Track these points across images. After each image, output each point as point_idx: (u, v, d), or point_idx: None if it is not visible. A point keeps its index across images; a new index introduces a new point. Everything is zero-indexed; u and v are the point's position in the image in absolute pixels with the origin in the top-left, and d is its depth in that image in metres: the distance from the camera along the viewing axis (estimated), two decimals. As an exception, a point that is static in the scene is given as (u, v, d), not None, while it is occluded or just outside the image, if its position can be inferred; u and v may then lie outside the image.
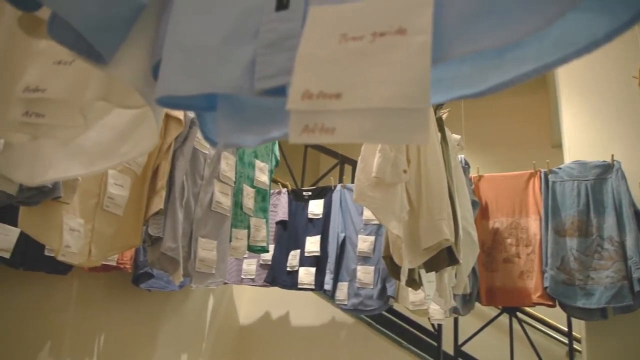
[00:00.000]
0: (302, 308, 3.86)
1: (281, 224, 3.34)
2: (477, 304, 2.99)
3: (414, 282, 1.97)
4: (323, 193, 3.35)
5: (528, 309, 3.76)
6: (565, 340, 3.76)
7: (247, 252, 2.44)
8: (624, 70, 2.97)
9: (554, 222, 2.81)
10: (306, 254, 3.17)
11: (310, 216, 3.29)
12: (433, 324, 3.55)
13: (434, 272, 1.99)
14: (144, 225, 1.87)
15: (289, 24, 0.52)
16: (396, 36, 0.47)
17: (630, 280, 2.54)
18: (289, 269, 3.20)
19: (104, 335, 2.88)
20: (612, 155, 2.81)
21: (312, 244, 3.18)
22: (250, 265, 3.35)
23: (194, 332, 3.63)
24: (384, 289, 2.94)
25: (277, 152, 2.70)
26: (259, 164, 2.49)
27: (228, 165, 2.22)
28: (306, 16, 0.51)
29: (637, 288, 2.49)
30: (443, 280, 2.08)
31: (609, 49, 0.55)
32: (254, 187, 2.45)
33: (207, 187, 2.11)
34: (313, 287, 3.10)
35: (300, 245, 3.22)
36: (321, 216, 3.26)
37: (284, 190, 3.45)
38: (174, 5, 0.63)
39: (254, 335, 4.01)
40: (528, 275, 2.86)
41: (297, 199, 3.40)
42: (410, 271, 1.90)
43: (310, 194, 3.39)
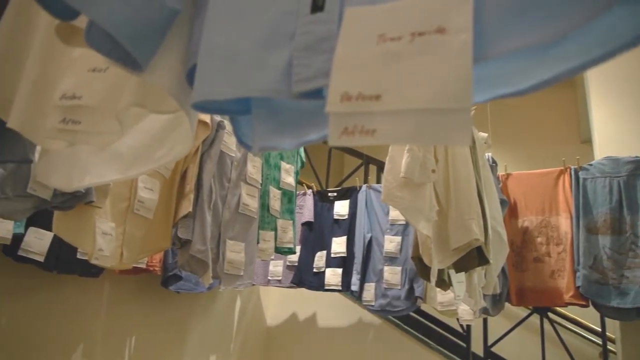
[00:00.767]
0: (329, 309, 3.85)
1: (307, 225, 3.34)
2: (506, 304, 2.94)
3: (444, 283, 1.96)
4: (348, 194, 3.34)
5: (559, 309, 3.68)
6: (599, 341, 3.67)
7: (274, 253, 2.45)
8: (657, 63, 2.89)
9: (585, 220, 2.74)
10: (332, 255, 3.17)
11: (335, 217, 3.29)
12: (461, 325, 3.51)
13: (463, 273, 1.97)
14: (173, 228, 1.89)
15: (325, 26, 0.52)
16: (436, 35, 0.46)
17: (666, 279, 2.47)
18: (315, 270, 3.20)
19: (134, 337, 2.93)
20: (645, 151, 2.74)
21: (339, 245, 3.17)
22: (276, 267, 3.37)
23: (222, 334, 3.67)
24: (411, 290, 2.92)
25: (303, 154, 2.70)
26: (284, 165, 2.50)
27: (254, 168, 2.23)
28: (342, 18, 0.50)
29: (674, 287, 2.42)
30: (473, 280, 2.05)
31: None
32: (280, 188, 2.45)
33: (234, 189, 2.12)
34: (340, 288, 3.10)
35: (327, 246, 3.22)
36: (347, 217, 3.26)
37: (309, 191, 3.45)
38: (207, 11, 0.63)
39: (281, 336, 4.03)
40: (559, 274, 2.80)
41: (323, 200, 3.40)
42: (440, 272, 1.88)
43: (335, 194, 3.38)
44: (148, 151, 0.78)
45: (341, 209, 3.29)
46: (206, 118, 1.90)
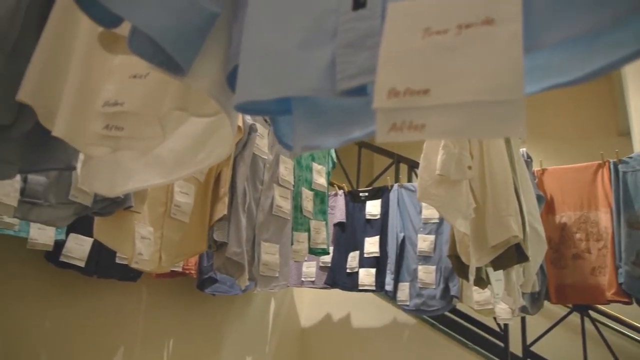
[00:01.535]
0: (363, 309, 3.84)
1: (339, 225, 3.33)
2: (545, 302, 2.88)
3: (482, 281, 1.92)
4: (380, 193, 3.32)
5: (600, 306, 3.58)
6: (643, 339, 3.56)
7: (307, 254, 2.46)
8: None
9: (626, 214, 2.65)
10: (365, 255, 3.16)
11: (368, 217, 3.27)
12: (499, 324, 3.45)
13: (501, 271, 1.93)
14: (209, 231, 1.91)
15: (368, 22, 0.51)
16: (484, 27, 0.45)
17: None
18: (348, 271, 3.19)
19: (172, 339, 2.98)
20: (689, 141, 2.64)
21: (371, 245, 3.16)
22: (309, 268, 3.37)
23: (257, 335, 3.69)
24: (446, 289, 2.88)
25: (334, 154, 2.70)
26: (316, 166, 2.50)
27: (286, 169, 2.24)
28: (385, 13, 0.50)
29: None
30: (511, 278, 2.01)
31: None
32: (312, 189, 2.46)
33: (267, 191, 2.13)
34: (374, 288, 3.08)
35: (359, 247, 3.21)
36: (379, 216, 3.24)
37: (341, 192, 3.45)
38: (246, 13, 0.63)
39: (315, 338, 4.03)
40: (600, 271, 2.72)
41: (354, 200, 3.39)
42: (478, 270, 1.85)
43: (367, 194, 3.37)
44: (189, 154, 0.79)
45: (373, 208, 3.28)
46: (238, 121, 1.92)
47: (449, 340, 3.53)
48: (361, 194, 3.39)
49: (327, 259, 3.25)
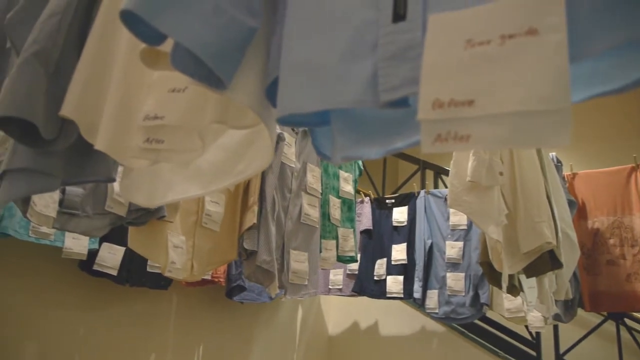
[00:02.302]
0: (391, 317, 3.81)
1: (366, 233, 3.32)
2: (578, 309, 2.82)
3: (514, 289, 1.90)
4: (406, 200, 3.31)
5: (637, 314, 3.48)
6: (682, 348, 3.44)
7: (336, 262, 2.46)
8: None
9: (662, 219, 2.59)
10: (393, 262, 3.14)
11: (394, 224, 3.26)
12: (530, 332, 3.38)
13: (534, 278, 1.90)
14: (239, 240, 1.93)
15: (409, 35, 0.52)
16: (527, 37, 0.45)
17: None
18: (376, 278, 3.18)
19: (202, 346, 3.01)
20: None
21: (399, 252, 3.14)
22: (337, 276, 3.37)
23: (285, 343, 3.70)
24: (476, 296, 2.85)
25: (360, 162, 2.70)
26: (343, 174, 2.51)
27: (314, 178, 2.25)
28: (426, 25, 0.50)
29: None
30: (544, 285, 1.98)
31: None
32: (339, 197, 2.46)
33: (295, 199, 2.15)
34: (402, 295, 3.06)
35: (387, 254, 3.19)
36: (406, 223, 3.22)
37: (367, 199, 3.44)
38: (285, 27, 0.65)
39: (343, 345, 4.02)
40: (636, 277, 2.65)
41: (381, 207, 3.38)
42: (510, 277, 1.83)
43: (393, 201, 3.36)
44: (228, 166, 0.81)
45: (400, 215, 3.26)
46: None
47: (479, 349, 3.47)
48: (387, 201, 3.38)
49: (354, 266, 3.24)
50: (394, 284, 3.08)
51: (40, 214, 1.40)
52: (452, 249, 2.97)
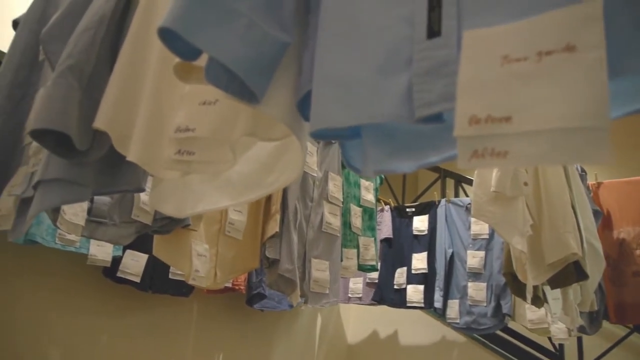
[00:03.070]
0: (411, 326, 3.78)
1: (386, 241, 3.31)
2: (603, 321, 2.76)
3: (538, 300, 1.87)
4: (427, 209, 3.29)
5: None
6: None
7: (356, 271, 2.46)
8: None
9: (690, 229, 2.54)
10: (413, 272, 3.12)
11: (415, 232, 3.24)
12: (554, 344, 3.32)
13: (558, 289, 1.88)
14: (262, 248, 1.94)
15: (444, 51, 0.52)
16: (564, 54, 0.45)
17: None
18: (396, 287, 3.15)
19: (222, 354, 3.02)
20: None
21: (419, 261, 3.12)
22: (356, 284, 3.36)
23: (304, 351, 3.69)
24: (498, 307, 2.81)
25: (381, 170, 2.70)
26: (364, 183, 2.51)
27: (335, 186, 2.25)
28: (461, 41, 0.51)
29: None
30: (568, 297, 1.95)
31: None
32: (360, 206, 2.46)
33: (317, 208, 2.15)
34: (422, 305, 3.03)
35: (407, 263, 3.17)
36: (426, 232, 3.20)
37: (387, 207, 3.43)
38: (317, 41, 0.66)
39: (362, 355, 3.99)
40: (663, 289, 2.60)
41: (401, 216, 3.36)
42: (534, 288, 1.81)
43: (413, 210, 3.34)
44: (258, 178, 0.82)
45: (420, 224, 3.24)
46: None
47: (501, 360, 3.43)
48: (408, 210, 3.36)
49: (374, 275, 3.22)
50: (415, 293, 3.05)
51: (70, 222, 1.43)
52: (474, 258, 2.94)
